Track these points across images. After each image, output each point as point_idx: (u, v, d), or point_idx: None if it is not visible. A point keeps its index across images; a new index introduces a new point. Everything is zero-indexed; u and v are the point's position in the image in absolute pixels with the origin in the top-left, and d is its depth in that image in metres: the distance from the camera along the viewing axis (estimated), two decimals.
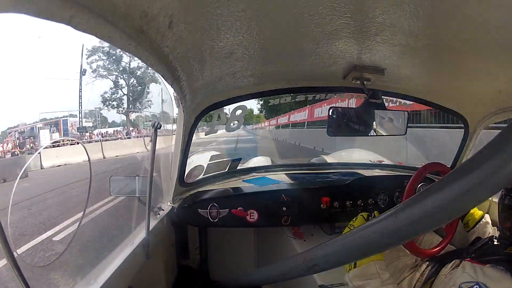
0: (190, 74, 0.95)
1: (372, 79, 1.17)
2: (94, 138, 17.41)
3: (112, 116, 24.08)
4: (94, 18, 0.46)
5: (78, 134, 18.24)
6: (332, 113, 1.23)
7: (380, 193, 1.53)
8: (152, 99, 22.88)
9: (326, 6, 0.65)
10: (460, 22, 0.69)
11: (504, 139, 0.36)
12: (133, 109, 22.91)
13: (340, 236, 0.69)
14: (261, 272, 1.19)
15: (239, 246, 1.78)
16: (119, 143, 15.87)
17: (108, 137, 18.11)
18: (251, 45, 0.86)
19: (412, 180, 1.12)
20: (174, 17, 0.61)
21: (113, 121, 23.38)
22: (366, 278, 0.81)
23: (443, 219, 0.47)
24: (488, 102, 1.27)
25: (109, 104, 22.78)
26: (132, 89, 22.80)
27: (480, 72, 1.01)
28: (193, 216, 1.40)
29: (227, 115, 1.39)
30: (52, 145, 12.24)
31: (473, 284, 0.71)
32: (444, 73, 1.13)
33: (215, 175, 1.69)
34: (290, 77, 1.29)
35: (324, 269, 0.72)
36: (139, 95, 23.06)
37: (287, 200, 1.43)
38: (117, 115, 23.44)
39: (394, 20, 0.71)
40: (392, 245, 0.62)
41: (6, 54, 22.05)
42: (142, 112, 23.21)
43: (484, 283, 0.69)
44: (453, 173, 0.42)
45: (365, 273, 0.82)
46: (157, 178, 1.31)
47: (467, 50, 0.85)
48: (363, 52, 0.95)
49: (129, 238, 1.12)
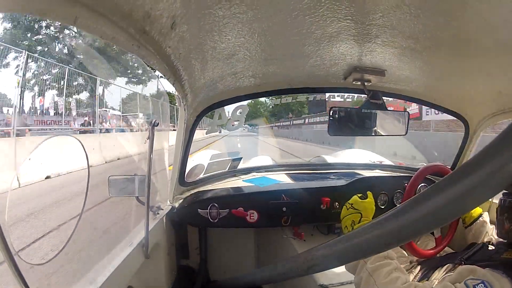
0: (192, 74, 0.95)
1: (373, 80, 1.17)
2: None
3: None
4: (98, 18, 0.47)
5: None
6: (333, 113, 1.24)
7: (380, 194, 1.54)
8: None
9: (328, 9, 0.65)
10: (460, 23, 0.69)
11: (505, 140, 0.37)
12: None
13: (340, 236, 0.69)
14: (261, 272, 1.19)
15: (239, 246, 1.78)
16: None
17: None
18: (252, 47, 0.87)
19: (413, 181, 1.12)
20: (177, 18, 0.61)
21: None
22: (381, 258, 0.87)
23: (443, 220, 0.47)
24: (489, 103, 1.27)
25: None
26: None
27: (480, 73, 1.01)
28: (193, 216, 1.40)
29: (228, 116, 1.39)
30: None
31: (479, 282, 0.70)
32: (444, 74, 1.13)
33: (215, 174, 1.69)
34: (291, 78, 1.29)
35: (324, 269, 0.73)
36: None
37: (287, 200, 1.43)
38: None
39: (394, 22, 0.71)
40: (392, 245, 0.63)
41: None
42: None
43: (489, 282, 0.69)
44: (453, 174, 0.42)
45: (378, 256, 0.87)
46: (157, 178, 1.31)
47: (467, 51, 0.85)
48: (364, 54, 0.96)
49: (128, 237, 1.13)
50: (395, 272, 0.83)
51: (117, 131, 13.02)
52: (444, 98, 1.41)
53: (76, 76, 12.12)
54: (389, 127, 1.35)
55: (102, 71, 13.74)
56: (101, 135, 10.31)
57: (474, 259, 0.89)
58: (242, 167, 1.85)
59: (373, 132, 1.29)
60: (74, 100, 12.72)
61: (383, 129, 1.32)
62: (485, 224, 1.17)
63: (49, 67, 12.47)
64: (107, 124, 13.34)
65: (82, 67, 12.28)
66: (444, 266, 0.96)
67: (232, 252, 1.76)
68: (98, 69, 13.43)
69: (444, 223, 0.49)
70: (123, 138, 11.31)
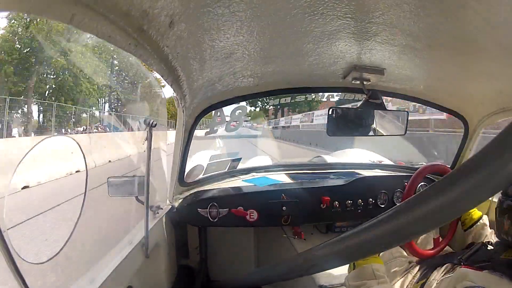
0: (190, 74, 0.95)
1: (372, 79, 1.17)
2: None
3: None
4: (95, 17, 0.46)
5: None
6: (331, 113, 1.23)
7: (380, 193, 1.53)
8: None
9: (327, 7, 0.65)
10: (460, 22, 0.69)
11: (505, 139, 0.36)
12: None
13: (339, 236, 0.69)
14: (261, 272, 1.19)
15: (239, 245, 1.78)
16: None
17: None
18: (251, 45, 0.86)
19: (412, 180, 1.12)
20: (175, 16, 0.61)
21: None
22: (362, 279, 0.85)
23: (443, 219, 0.47)
24: (488, 102, 1.27)
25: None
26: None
27: (480, 72, 1.01)
28: (193, 216, 1.40)
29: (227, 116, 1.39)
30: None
31: (474, 287, 0.70)
32: (444, 73, 1.13)
33: (215, 174, 1.69)
34: (290, 77, 1.29)
35: (323, 269, 0.72)
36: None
37: (287, 200, 1.43)
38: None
39: (394, 20, 0.71)
40: (392, 245, 0.63)
41: None
42: None
43: (484, 287, 0.68)
44: (453, 174, 0.42)
45: (361, 273, 0.86)
46: (157, 178, 1.31)
47: (467, 50, 0.85)
48: (363, 52, 0.95)
49: (128, 237, 1.12)
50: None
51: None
52: (443, 97, 1.41)
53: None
54: (389, 126, 1.35)
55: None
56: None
57: (473, 259, 0.89)
58: (242, 167, 1.85)
59: (373, 132, 1.29)
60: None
61: (382, 129, 1.31)
62: (485, 227, 1.16)
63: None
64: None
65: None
66: (443, 266, 0.96)
67: (232, 252, 1.76)
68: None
69: (444, 222, 0.49)
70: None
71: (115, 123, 15.06)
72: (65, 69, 14.25)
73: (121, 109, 17.19)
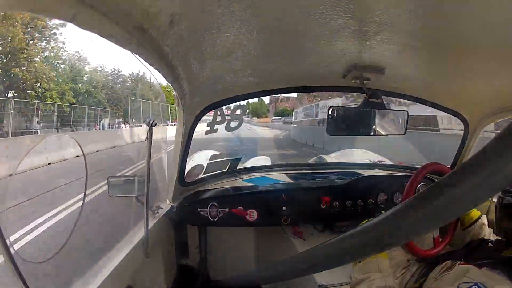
0: (190, 73, 0.95)
1: (372, 79, 1.17)
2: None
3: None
4: (96, 16, 0.46)
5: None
6: (332, 113, 1.23)
7: (380, 193, 1.53)
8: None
9: (327, 6, 0.65)
10: (460, 21, 0.69)
11: (505, 139, 0.36)
12: None
13: (340, 236, 0.69)
14: (261, 272, 1.19)
15: (239, 245, 1.78)
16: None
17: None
18: (251, 44, 0.86)
19: (412, 180, 1.12)
20: (175, 15, 0.61)
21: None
22: (367, 272, 0.90)
23: (443, 219, 0.47)
24: (488, 101, 1.27)
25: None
26: None
27: (480, 71, 1.01)
28: (192, 215, 1.40)
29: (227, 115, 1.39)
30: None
31: (472, 284, 0.70)
32: (444, 72, 1.13)
33: (215, 174, 1.69)
34: (290, 76, 1.29)
35: (323, 269, 0.72)
36: None
37: (287, 200, 1.42)
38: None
39: (394, 19, 0.71)
40: (392, 245, 0.62)
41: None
42: None
43: (483, 283, 0.68)
44: (453, 174, 0.42)
45: (367, 267, 0.92)
46: (156, 178, 1.31)
47: (467, 50, 0.85)
48: (363, 51, 0.95)
49: (127, 237, 1.12)
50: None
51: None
52: (443, 97, 1.41)
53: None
54: (388, 126, 1.35)
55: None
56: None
57: (473, 257, 0.89)
58: (242, 167, 1.85)
59: (372, 131, 1.29)
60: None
61: (382, 128, 1.31)
62: (483, 227, 1.16)
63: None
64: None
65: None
66: (443, 263, 0.96)
67: (232, 251, 1.76)
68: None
69: (444, 222, 0.49)
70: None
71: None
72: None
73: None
